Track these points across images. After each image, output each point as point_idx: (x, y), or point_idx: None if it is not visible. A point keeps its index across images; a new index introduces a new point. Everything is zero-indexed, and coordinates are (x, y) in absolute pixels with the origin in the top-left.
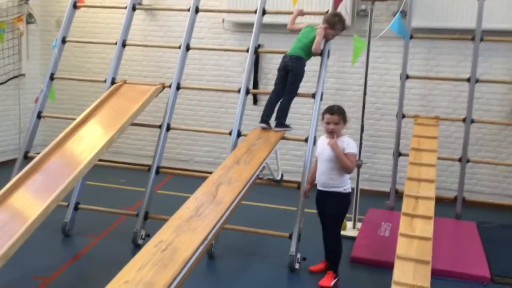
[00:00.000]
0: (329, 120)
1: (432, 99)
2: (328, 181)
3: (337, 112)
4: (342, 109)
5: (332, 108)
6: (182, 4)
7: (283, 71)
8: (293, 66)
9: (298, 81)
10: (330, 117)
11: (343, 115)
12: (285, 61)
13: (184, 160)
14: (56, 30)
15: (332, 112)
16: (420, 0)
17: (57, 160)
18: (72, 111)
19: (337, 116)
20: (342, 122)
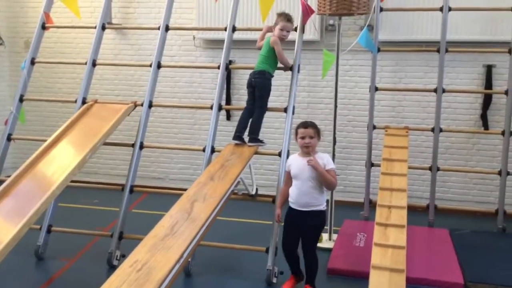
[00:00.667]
0: (304, 134)
1: (401, 110)
2: (311, 201)
3: (312, 125)
4: (315, 124)
5: (306, 122)
6: (152, 23)
7: (251, 87)
8: (256, 82)
9: (265, 95)
10: (304, 131)
11: (318, 128)
12: (250, 77)
13: (158, 178)
14: (25, 51)
15: (306, 126)
16: (386, 14)
17: (29, 183)
18: (43, 132)
19: (312, 129)
20: (316, 136)
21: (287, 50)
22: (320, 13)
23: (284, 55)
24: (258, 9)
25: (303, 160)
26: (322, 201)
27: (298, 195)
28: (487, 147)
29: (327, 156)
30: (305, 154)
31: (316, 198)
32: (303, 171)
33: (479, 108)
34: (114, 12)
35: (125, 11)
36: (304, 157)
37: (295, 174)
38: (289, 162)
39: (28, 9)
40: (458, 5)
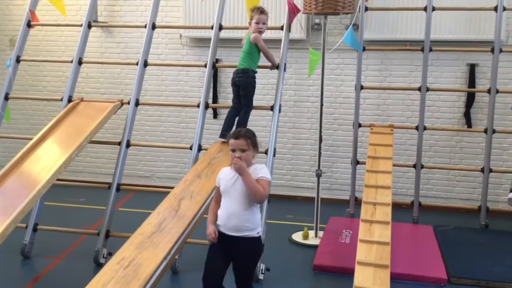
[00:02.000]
0: (234, 147)
1: (386, 108)
2: (241, 224)
3: (244, 136)
4: (250, 132)
5: (238, 132)
6: (139, 21)
7: (235, 86)
8: (240, 81)
9: (250, 93)
10: (235, 142)
11: (252, 139)
12: (233, 76)
13: (145, 177)
14: (10, 49)
15: (237, 136)
16: (371, 14)
17: (14, 181)
18: (28, 130)
19: (243, 141)
20: (251, 147)
21: (273, 48)
22: (306, 12)
23: (269, 51)
24: (245, 7)
25: (235, 176)
26: (256, 225)
27: (226, 215)
28: (470, 144)
29: (264, 167)
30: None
31: (248, 220)
32: (233, 187)
33: (462, 106)
34: (100, 10)
35: (111, 9)
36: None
37: (224, 190)
38: (220, 175)
39: (13, 6)
40: (441, 4)
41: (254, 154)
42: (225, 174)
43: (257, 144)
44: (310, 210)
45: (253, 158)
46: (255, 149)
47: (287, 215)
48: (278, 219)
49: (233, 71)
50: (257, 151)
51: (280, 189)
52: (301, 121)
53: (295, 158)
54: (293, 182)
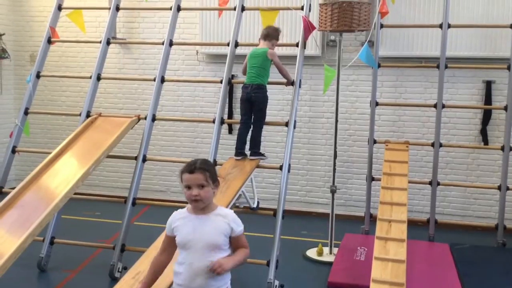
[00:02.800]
0: (189, 182)
1: (402, 125)
2: (210, 284)
3: (201, 169)
4: (208, 164)
5: (193, 164)
6: (156, 37)
7: (248, 102)
8: (256, 97)
9: (264, 108)
10: (190, 178)
11: (211, 171)
12: (246, 92)
13: (161, 191)
14: (30, 65)
15: (192, 170)
16: (386, 30)
17: (32, 195)
18: (47, 144)
19: (200, 175)
20: (210, 182)
21: (288, 64)
22: (321, 29)
23: (284, 67)
24: (260, 25)
25: (197, 221)
26: (226, 280)
27: (190, 274)
28: (487, 162)
29: (232, 214)
30: (197, 210)
31: (216, 278)
32: (197, 237)
33: (478, 123)
34: (119, 27)
35: (130, 26)
36: (198, 214)
37: (183, 242)
38: (173, 221)
39: (34, 23)
40: (457, 22)
41: (214, 190)
42: (182, 220)
43: (217, 177)
44: (325, 226)
45: (214, 196)
46: (216, 184)
47: (302, 231)
48: (293, 235)
49: (244, 86)
50: (218, 186)
51: (295, 205)
52: (316, 137)
53: (310, 173)
54: (308, 198)
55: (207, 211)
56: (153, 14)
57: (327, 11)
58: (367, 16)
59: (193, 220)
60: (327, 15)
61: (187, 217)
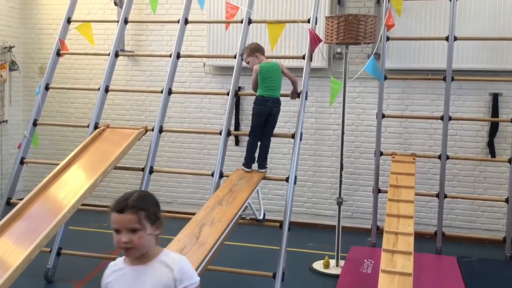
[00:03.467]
0: (118, 226)
1: (408, 137)
2: None
3: (133, 208)
4: (144, 200)
5: (122, 201)
6: (164, 50)
7: (266, 116)
8: (276, 110)
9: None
10: (118, 219)
11: (148, 210)
12: (267, 105)
13: (167, 202)
14: (39, 77)
15: (121, 209)
16: (393, 43)
17: (40, 206)
18: (55, 156)
19: (133, 216)
20: (147, 225)
21: (297, 77)
22: (327, 42)
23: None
24: (267, 37)
25: (133, 275)
26: None
27: None
28: (494, 174)
29: (182, 262)
30: (133, 260)
31: None
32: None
33: (485, 136)
34: (127, 39)
35: (138, 38)
36: (134, 265)
37: None
38: (106, 275)
39: (43, 36)
40: (463, 34)
41: (156, 233)
42: (117, 274)
43: (159, 216)
44: (331, 239)
45: (155, 240)
46: (158, 225)
47: (308, 243)
48: (299, 247)
49: (265, 99)
50: (161, 228)
51: (301, 217)
52: (322, 149)
53: (316, 185)
54: (314, 210)
55: (146, 260)
56: (161, 27)
57: (333, 24)
58: (373, 28)
59: (129, 274)
60: (333, 28)
61: (122, 270)
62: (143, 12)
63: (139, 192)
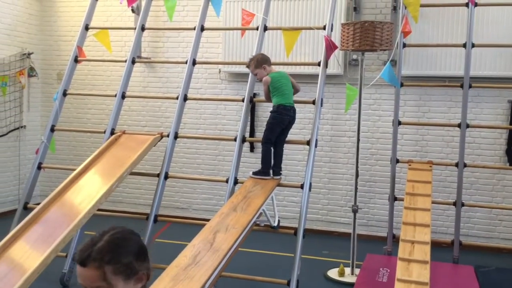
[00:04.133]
0: (81, 282)
1: (425, 145)
2: None
3: (95, 262)
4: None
5: (85, 250)
6: (180, 56)
7: (289, 124)
8: (294, 118)
9: None
10: (81, 273)
11: (117, 262)
12: (290, 114)
13: (182, 208)
14: (57, 83)
15: (82, 261)
16: (409, 50)
17: (57, 211)
18: (72, 161)
19: (96, 272)
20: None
21: (310, 83)
22: (343, 49)
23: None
24: (283, 44)
25: None
26: None
27: None
28: None
29: None
30: None
31: None
32: None
33: (504, 143)
34: (144, 46)
35: (154, 45)
36: None
37: None
38: None
39: (61, 42)
40: (481, 41)
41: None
42: None
43: (136, 268)
44: (346, 246)
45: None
46: (137, 280)
47: (323, 250)
48: (313, 255)
49: (286, 109)
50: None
51: (316, 224)
52: (337, 156)
53: (331, 192)
54: (329, 217)
55: None
56: (177, 33)
57: (349, 31)
58: (389, 35)
59: None
60: (349, 35)
61: None
62: (160, 19)
63: (110, 236)
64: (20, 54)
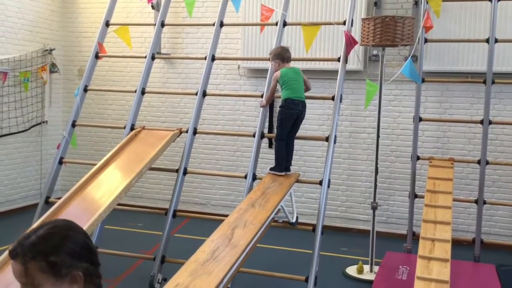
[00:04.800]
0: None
1: (447, 141)
2: None
3: (24, 256)
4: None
5: (17, 244)
6: (199, 52)
7: (298, 120)
8: (303, 113)
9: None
10: (12, 265)
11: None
12: (298, 109)
13: (200, 204)
14: (78, 79)
15: (12, 254)
16: (431, 45)
17: (78, 205)
18: (92, 156)
19: (21, 266)
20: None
21: (330, 79)
22: (363, 44)
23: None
24: (302, 39)
25: None
26: None
27: None
28: None
29: None
30: None
31: None
32: None
33: None
34: (163, 42)
35: (174, 41)
36: None
37: None
38: None
39: (82, 38)
40: (504, 36)
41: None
42: None
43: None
44: (365, 243)
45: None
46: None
47: (341, 247)
48: (332, 251)
49: (294, 103)
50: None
51: (334, 221)
52: (356, 152)
53: (350, 189)
54: (348, 214)
55: None
56: (197, 29)
57: (370, 26)
58: (410, 30)
59: None
60: (369, 30)
61: None
62: (179, 15)
63: (44, 230)
64: (42, 50)
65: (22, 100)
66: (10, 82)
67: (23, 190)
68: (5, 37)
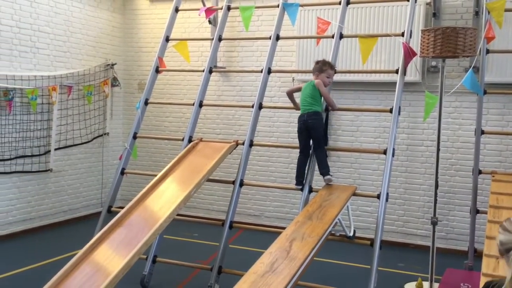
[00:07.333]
0: None
1: (510, 155)
2: None
3: None
4: None
5: None
6: (254, 65)
7: (305, 131)
8: (314, 123)
9: (321, 134)
10: None
11: None
12: (303, 120)
13: (254, 215)
14: (138, 92)
15: None
16: (492, 56)
17: (139, 215)
18: (149, 167)
19: None
20: None
21: (385, 91)
22: (423, 55)
23: (330, 96)
24: (358, 51)
25: None
26: None
27: None
28: None
29: None
30: None
31: None
32: None
33: None
34: (219, 55)
35: (229, 55)
36: None
37: None
38: None
39: (142, 53)
40: None
41: None
42: None
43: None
44: (423, 259)
45: None
46: None
47: (398, 263)
48: (389, 267)
49: (300, 116)
50: None
51: (391, 235)
52: (414, 165)
53: (408, 203)
54: (405, 229)
55: None
56: (252, 43)
57: (430, 37)
58: (472, 41)
59: None
60: (429, 41)
61: None
62: (235, 30)
63: None
64: (104, 65)
65: (86, 112)
66: (74, 95)
67: (85, 199)
68: (70, 53)
